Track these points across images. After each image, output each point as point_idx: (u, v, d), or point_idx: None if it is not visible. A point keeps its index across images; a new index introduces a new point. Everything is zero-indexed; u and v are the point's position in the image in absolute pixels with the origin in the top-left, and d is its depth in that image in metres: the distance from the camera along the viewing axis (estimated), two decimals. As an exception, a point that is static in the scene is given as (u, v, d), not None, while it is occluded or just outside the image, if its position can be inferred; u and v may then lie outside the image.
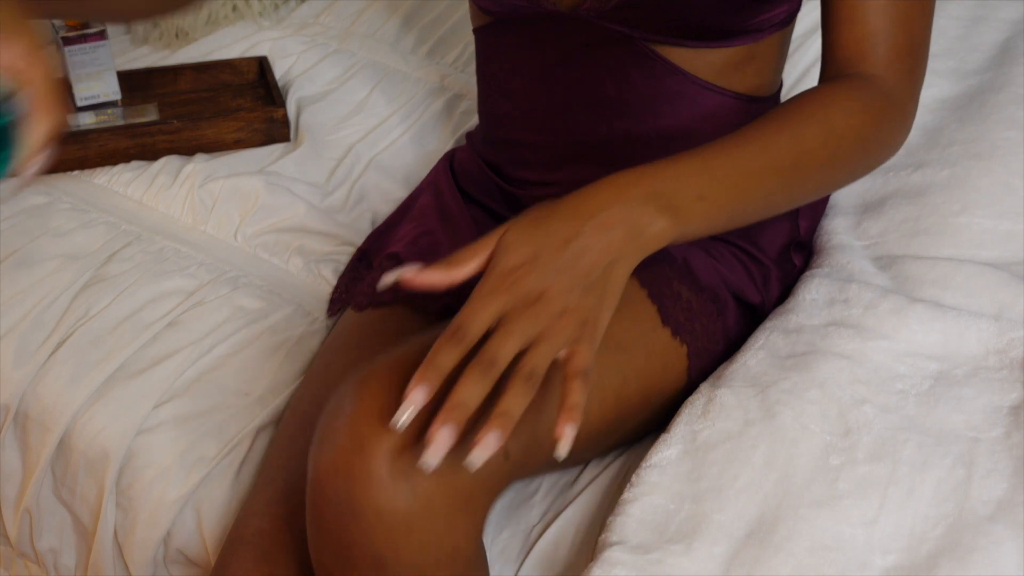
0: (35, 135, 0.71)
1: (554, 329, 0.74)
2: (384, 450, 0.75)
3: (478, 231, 1.09)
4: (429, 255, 1.10)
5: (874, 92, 0.92)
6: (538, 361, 0.73)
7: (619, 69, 0.98)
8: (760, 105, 1.03)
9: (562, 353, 0.75)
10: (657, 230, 0.79)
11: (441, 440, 0.71)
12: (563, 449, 0.73)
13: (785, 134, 0.87)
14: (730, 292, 1.02)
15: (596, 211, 0.78)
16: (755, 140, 0.86)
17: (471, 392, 0.72)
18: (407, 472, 0.75)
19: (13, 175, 0.71)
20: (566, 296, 0.75)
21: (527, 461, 0.81)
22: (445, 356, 0.73)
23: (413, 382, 0.72)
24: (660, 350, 0.95)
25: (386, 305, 1.07)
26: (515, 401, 0.72)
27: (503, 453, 0.76)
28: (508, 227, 0.79)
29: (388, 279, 0.78)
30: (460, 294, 1.03)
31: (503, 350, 0.73)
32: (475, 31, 1.08)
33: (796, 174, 0.87)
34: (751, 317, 1.04)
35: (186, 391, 1.09)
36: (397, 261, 1.10)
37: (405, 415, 0.72)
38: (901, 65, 0.93)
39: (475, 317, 0.74)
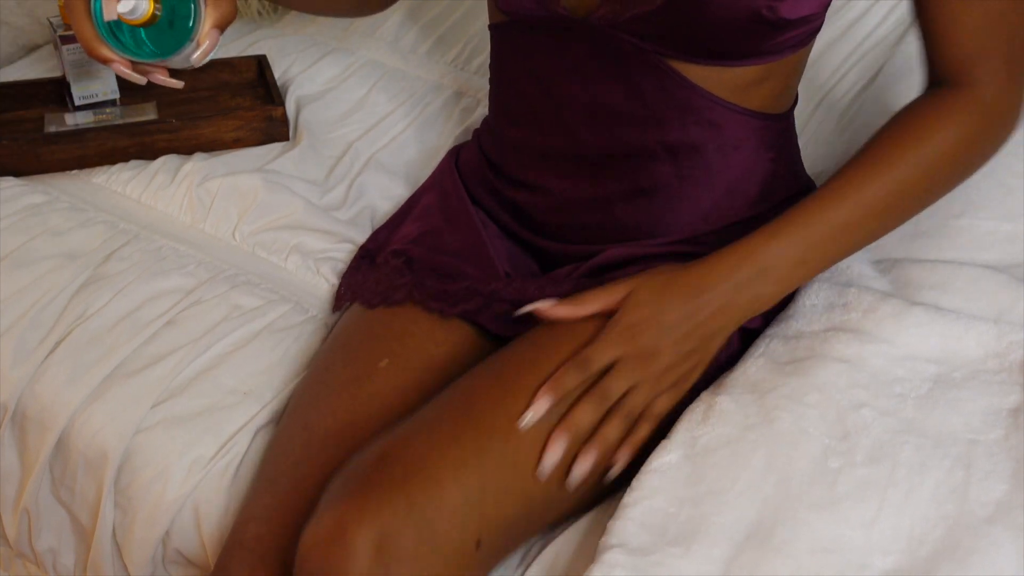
0: (210, 16, 0.89)
1: (655, 380, 0.91)
2: (365, 537, 0.81)
3: (484, 232, 1.09)
4: (433, 253, 1.10)
5: (973, 109, 0.95)
6: (637, 402, 0.91)
7: (629, 79, 0.97)
8: (771, 122, 1.02)
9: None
10: (762, 301, 0.94)
11: (557, 446, 0.88)
12: (614, 472, 0.92)
13: (880, 179, 0.94)
14: None
15: (710, 287, 0.93)
16: (851, 193, 0.94)
17: (585, 416, 0.89)
18: (385, 561, 0.81)
19: (198, 44, 0.88)
20: (672, 357, 0.92)
21: (496, 552, 0.89)
22: (569, 378, 0.90)
23: (541, 393, 0.89)
24: None
25: (398, 304, 1.07)
26: (613, 431, 0.90)
27: (475, 542, 0.85)
28: (638, 284, 0.94)
29: (526, 309, 0.97)
30: (477, 302, 1.05)
31: (614, 388, 0.90)
32: (491, 27, 1.07)
33: (893, 213, 0.96)
34: (754, 334, 1.03)
35: (184, 390, 1.09)
36: (404, 258, 1.10)
37: (529, 416, 0.88)
38: (1005, 73, 0.95)
39: (600, 355, 0.91)
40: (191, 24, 0.87)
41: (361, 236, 1.24)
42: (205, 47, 0.89)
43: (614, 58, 0.96)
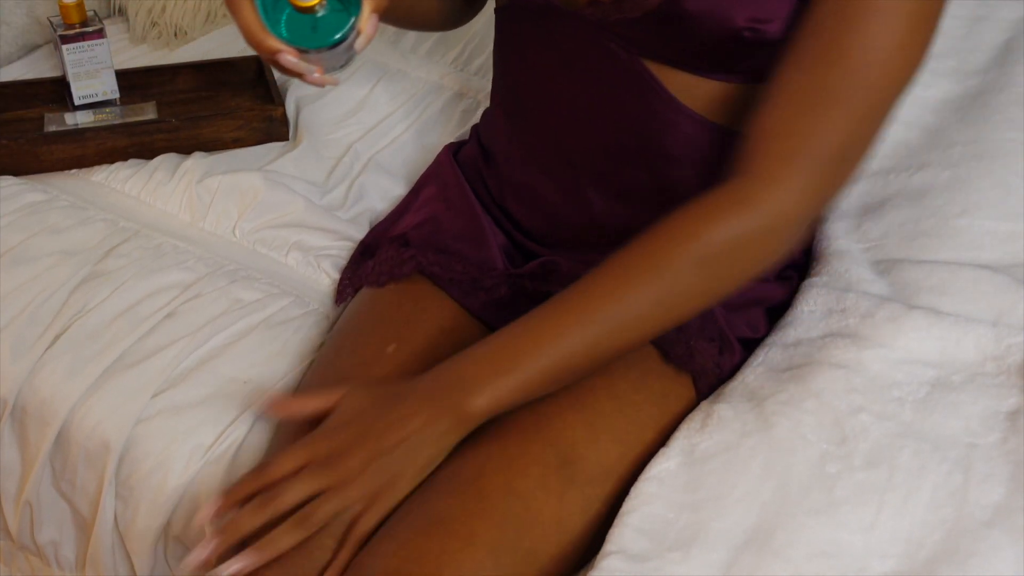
0: (368, 2, 0.85)
1: (343, 487, 0.84)
2: None
3: (484, 217, 1.11)
4: (432, 235, 1.11)
5: (751, 207, 0.86)
6: (317, 512, 0.83)
7: (611, 82, 0.97)
8: None
9: (355, 511, 0.85)
10: (465, 410, 0.86)
11: (199, 552, 0.83)
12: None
13: (615, 301, 0.86)
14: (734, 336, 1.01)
15: (411, 390, 0.87)
16: (577, 312, 0.87)
17: (247, 521, 0.83)
18: None
19: (359, 32, 0.85)
20: (366, 462, 0.84)
21: None
22: (242, 488, 0.85)
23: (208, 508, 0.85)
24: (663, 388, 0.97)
25: (405, 278, 1.08)
26: (282, 538, 0.83)
27: None
28: (352, 390, 0.89)
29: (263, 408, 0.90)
30: (480, 289, 1.03)
31: (288, 494, 0.83)
32: (496, 10, 1.07)
33: (624, 334, 0.88)
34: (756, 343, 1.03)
35: (184, 380, 1.09)
36: (404, 243, 1.11)
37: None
38: (803, 172, 0.86)
39: (282, 462, 0.85)
40: (353, 12, 0.85)
41: (361, 236, 1.24)
42: (367, 32, 0.85)
43: (599, 58, 0.97)
